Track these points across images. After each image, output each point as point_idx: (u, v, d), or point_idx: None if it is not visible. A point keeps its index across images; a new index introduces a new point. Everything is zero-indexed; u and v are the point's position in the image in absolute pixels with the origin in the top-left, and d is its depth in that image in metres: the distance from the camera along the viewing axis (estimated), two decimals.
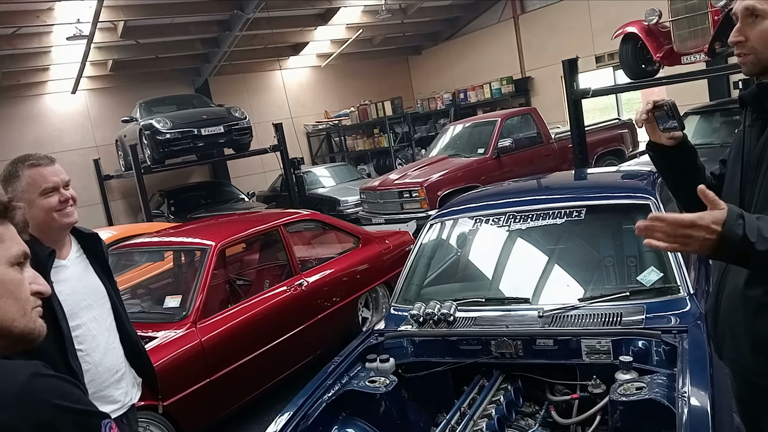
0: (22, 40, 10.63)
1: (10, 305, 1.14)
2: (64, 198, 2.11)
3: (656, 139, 1.90)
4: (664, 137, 1.87)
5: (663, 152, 1.91)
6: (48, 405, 1.08)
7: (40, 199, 2.07)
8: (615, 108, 12.98)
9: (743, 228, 1.41)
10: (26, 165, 2.08)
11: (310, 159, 16.04)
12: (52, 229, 2.12)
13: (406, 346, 2.81)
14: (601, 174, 5.01)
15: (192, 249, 4.73)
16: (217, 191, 12.43)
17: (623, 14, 8.87)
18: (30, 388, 1.07)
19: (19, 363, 1.12)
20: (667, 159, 1.93)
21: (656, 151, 1.93)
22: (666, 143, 1.87)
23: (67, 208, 2.12)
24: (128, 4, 10.31)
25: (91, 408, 1.17)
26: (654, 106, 1.85)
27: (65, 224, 2.15)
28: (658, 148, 1.91)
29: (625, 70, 6.85)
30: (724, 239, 1.42)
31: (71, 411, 1.11)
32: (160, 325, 3.92)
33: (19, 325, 1.14)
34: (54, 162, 2.16)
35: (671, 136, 1.86)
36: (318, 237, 6.08)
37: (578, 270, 3.02)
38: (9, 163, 2.12)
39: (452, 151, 9.61)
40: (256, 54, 14.30)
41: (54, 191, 2.09)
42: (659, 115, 1.86)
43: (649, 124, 1.88)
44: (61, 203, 2.10)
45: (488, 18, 15.03)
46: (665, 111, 1.85)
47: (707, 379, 2.00)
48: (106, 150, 13.20)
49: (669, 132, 1.86)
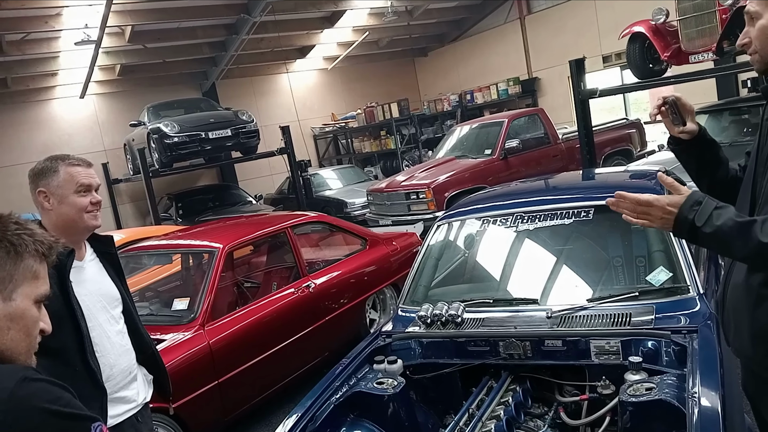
0: (31, 45, 10.72)
1: (22, 339, 1.19)
2: (96, 200, 2.17)
3: (673, 133, 2.00)
4: (677, 131, 1.97)
5: (682, 146, 2.01)
6: (37, 409, 1.09)
7: (74, 196, 2.11)
8: (623, 108, 12.92)
9: (695, 213, 1.62)
10: (66, 162, 2.14)
11: (317, 161, 16.06)
12: (77, 228, 2.15)
13: (414, 347, 2.80)
14: (609, 174, 4.98)
15: (200, 251, 4.74)
16: (225, 194, 12.47)
17: (630, 14, 8.83)
18: (19, 393, 1.08)
19: (9, 368, 1.14)
20: (686, 152, 2.02)
21: (676, 145, 2.04)
22: (681, 137, 1.97)
23: (95, 211, 2.17)
24: (136, 8, 10.37)
25: (81, 412, 1.17)
26: (663, 102, 1.96)
27: (91, 226, 2.18)
28: (677, 142, 2.02)
29: (633, 69, 6.82)
30: (677, 220, 1.65)
31: (60, 415, 1.12)
32: (168, 328, 3.93)
33: (21, 361, 1.19)
34: (91, 165, 2.23)
35: (681, 130, 1.96)
36: (325, 239, 6.09)
37: (586, 270, 3.00)
38: (46, 158, 2.17)
39: (459, 153, 9.59)
40: (263, 57, 14.36)
41: (87, 192, 2.14)
42: (671, 111, 1.95)
43: (664, 118, 1.98)
44: (93, 205, 2.15)
45: (495, 19, 15.02)
46: (669, 107, 1.95)
47: (718, 380, 1.98)
48: (115, 154, 13.28)
49: (679, 127, 1.96)
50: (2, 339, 1.16)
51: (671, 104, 1.94)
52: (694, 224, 1.62)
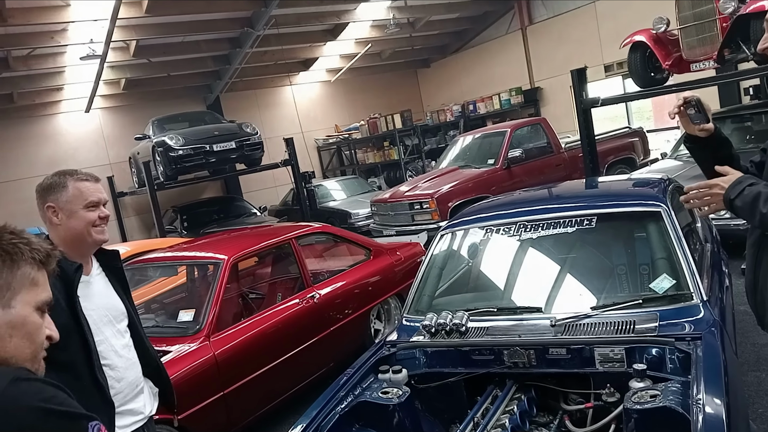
0: (37, 60, 10.84)
1: (26, 346, 1.20)
2: (104, 215, 2.19)
3: (691, 132, 2.15)
4: (696, 129, 2.11)
5: (698, 143, 2.17)
6: (30, 408, 1.10)
7: (83, 211, 2.13)
8: (625, 117, 12.93)
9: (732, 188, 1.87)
10: (74, 178, 2.16)
11: (321, 172, 16.11)
12: (84, 243, 2.17)
13: (419, 356, 2.81)
14: (611, 182, 4.99)
15: (205, 263, 4.76)
16: (230, 206, 12.51)
17: (631, 23, 8.86)
18: (10, 392, 1.09)
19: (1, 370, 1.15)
20: (702, 150, 2.18)
21: (692, 143, 2.19)
22: (699, 135, 2.12)
23: (103, 225, 2.19)
24: (140, 23, 10.47)
25: (76, 410, 1.18)
26: (684, 102, 2.09)
27: (99, 241, 2.20)
28: (693, 139, 2.17)
29: (635, 78, 6.85)
30: (724, 196, 1.89)
31: (55, 413, 1.13)
32: (174, 339, 3.94)
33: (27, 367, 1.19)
34: (99, 180, 2.26)
35: (701, 128, 2.10)
36: (329, 249, 6.10)
37: (590, 278, 3.01)
38: (54, 174, 2.19)
39: (462, 163, 9.61)
40: (266, 70, 14.45)
41: (96, 207, 2.17)
42: (690, 110, 2.09)
43: (682, 118, 2.12)
44: (101, 219, 2.18)
45: (496, 30, 15.10)
46: (693, 106, 2.09)
47: (722, 386, 1.98)
48: (120, 167, 13.37)
49: (699, 125, 2.10)
50: (5, 346, 1.17)
51: (697, 103, 2.07)
52: (730, 198, 1.86)
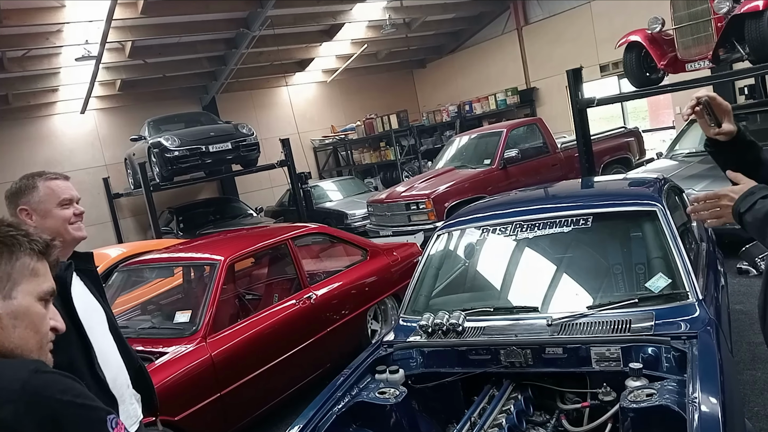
0: (32, 61, 10.81)
1: (31, 336, 1.21)
2: (79, 211, 2.18)
3: (710, 135, 1.90)
4: (713, 133, 1.87)
5: (718, 147, 1.91)
6: (50, 400, 1.11)
7: (58, 210, 2.12)
8: (621, 116, 12.97)
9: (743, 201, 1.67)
10: (43, 178, 2.15)
11: (317, 173, 16.11)
12: (64, 242, 2.14)
13: (416, 356, 2.81)
14: (607, 182, 5.00)
15: (201, 264, 4.75)
16: (226, 207, 12.50)
17: (626, 23, 8.90)
18: (32, 384, 1.10)
19: (20, 361, 1.16)
20: (723, 154, 1.92)
21: (713, 147, 1.93)
22: (719, 138, 1.87)
23: (79, 222, 2.18)
24: (136, 24, 10.45)
25: (94, 403, 1.19)
26: (696, 102, 1.86)
27: (78, 237, 2.19)
28: (713, 143, 1.91)
29: (630, 78, 6.87)
30: (733, 208, 1.69)
31: (74, 405, 1.14)
32: (170, 341, 3.94)
33: (34, 357, 1.20)
34: (68, 179, 2.25)
35: (718, 132, 1.86)
36: (326, 250, 6.10)
37: (586, 278, 3.02)
38: (22, 177, 2.18)
39: (459, 163, 9.62)
40: (262, 71, 14.45)
41: (69, 204, 2.16)
42: (705, 111, 1.85)
43: (699, 119, 1.88)
44: (76, 216, 2.17)
45: (492, 30, 15.12)
46: (704, 107, 1.85)
47: (718, 385, 1.99)
48: (116, 168, 13.33)
49: (714, 128, 1.86)
50: (10, 337, 1.17)
51: (705, 104, 1.83)
52: (739, 211, 1.67)
